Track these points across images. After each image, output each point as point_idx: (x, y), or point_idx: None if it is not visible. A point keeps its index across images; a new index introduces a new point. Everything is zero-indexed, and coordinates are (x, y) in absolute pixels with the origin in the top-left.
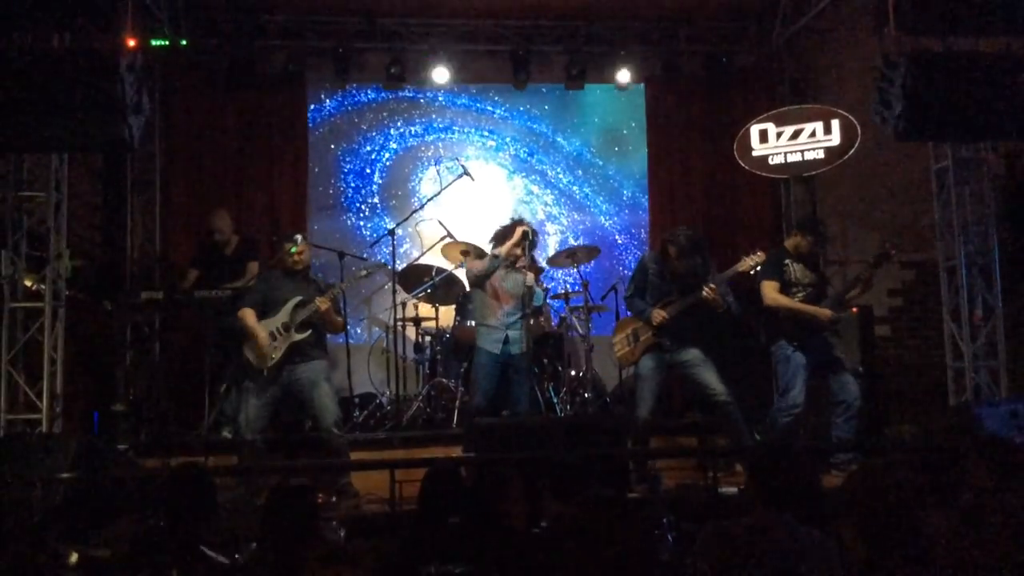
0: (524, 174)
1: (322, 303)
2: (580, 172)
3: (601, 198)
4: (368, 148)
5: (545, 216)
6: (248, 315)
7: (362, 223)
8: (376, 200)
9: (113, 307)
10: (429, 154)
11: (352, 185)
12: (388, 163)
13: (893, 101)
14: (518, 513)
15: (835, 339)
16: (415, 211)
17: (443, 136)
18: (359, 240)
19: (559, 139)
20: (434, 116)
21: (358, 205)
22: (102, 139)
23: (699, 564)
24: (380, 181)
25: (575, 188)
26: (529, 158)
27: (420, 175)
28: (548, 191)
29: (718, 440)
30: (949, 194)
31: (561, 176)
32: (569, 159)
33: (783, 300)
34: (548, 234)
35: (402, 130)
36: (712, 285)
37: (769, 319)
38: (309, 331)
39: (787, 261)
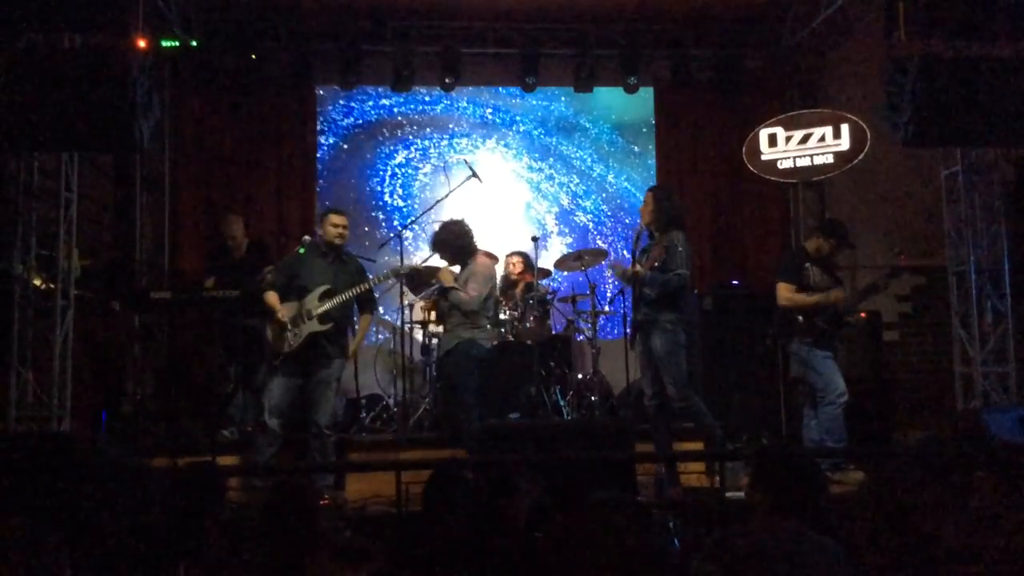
0: (538, 156)
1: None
2: (612, 161)
3: (640, 192)
4: (323, 129)
5: (570, 201)
6: (271, 296)
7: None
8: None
9: (121, 307)
10: (400, 134)
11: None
12: (341, 148)
13: (902, 106)
14: (523, 517)
15: (839, 344)
16: (423, 213)
17: (428, 110)
18: None
19: (582, 121)
20: (418, 89)
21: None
22: (112, 140)
23: (706, 570)
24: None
25: (611, 177)
26: (548, 139)
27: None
28: (575, 177)
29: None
30: (959, 199)
31: (590, 163)
32: (598, 144)
33: (798, 298)
34: (588, 228)
35: (370, 103)
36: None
37: (782, 319)
38: (330, 324)
39: (807, 264)
